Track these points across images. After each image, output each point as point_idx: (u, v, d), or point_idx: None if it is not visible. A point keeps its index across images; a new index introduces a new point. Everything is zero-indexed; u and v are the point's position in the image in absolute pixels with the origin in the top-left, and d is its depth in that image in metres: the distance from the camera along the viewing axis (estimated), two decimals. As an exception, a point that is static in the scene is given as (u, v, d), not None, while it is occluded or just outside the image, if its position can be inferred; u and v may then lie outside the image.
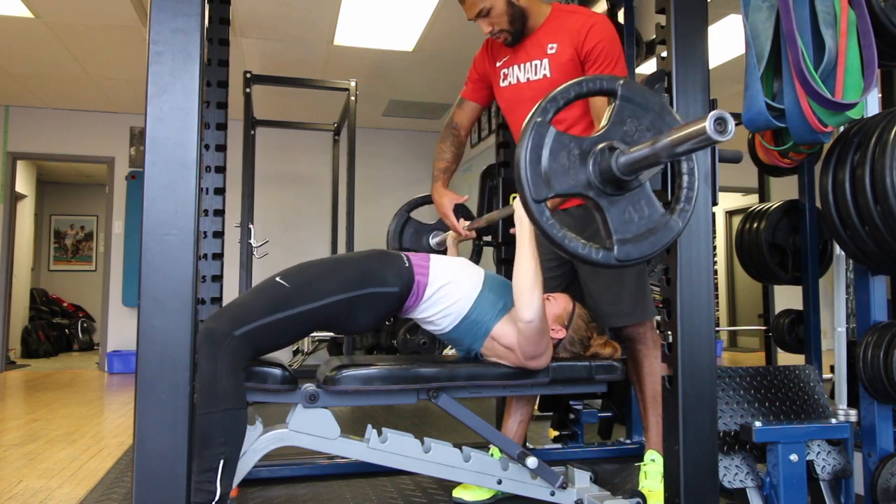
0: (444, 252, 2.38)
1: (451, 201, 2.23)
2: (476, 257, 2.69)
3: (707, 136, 0.92)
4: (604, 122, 1.15)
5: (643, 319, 2.07)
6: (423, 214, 2.51)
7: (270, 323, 1.58)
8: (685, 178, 1.18)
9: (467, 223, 2.22)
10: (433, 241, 2.45)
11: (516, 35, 2.07)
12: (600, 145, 1.12)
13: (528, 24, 2.07)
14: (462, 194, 2.30)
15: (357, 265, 1.75)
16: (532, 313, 1.66)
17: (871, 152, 1.61)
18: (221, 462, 1.47)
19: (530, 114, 1.11)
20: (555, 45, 2.03)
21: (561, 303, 1.91)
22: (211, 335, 1.54)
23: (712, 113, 0.91)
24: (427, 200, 2.50)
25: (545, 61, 2.04)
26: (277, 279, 1.68)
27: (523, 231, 1.70)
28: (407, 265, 1.77)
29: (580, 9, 2.15)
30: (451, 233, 2.30)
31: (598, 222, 1.16)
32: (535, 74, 2.07)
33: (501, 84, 2.18)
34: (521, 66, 2.11)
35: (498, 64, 2.19)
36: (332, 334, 5.03)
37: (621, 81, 1.15)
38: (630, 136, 1.14)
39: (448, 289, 1.77)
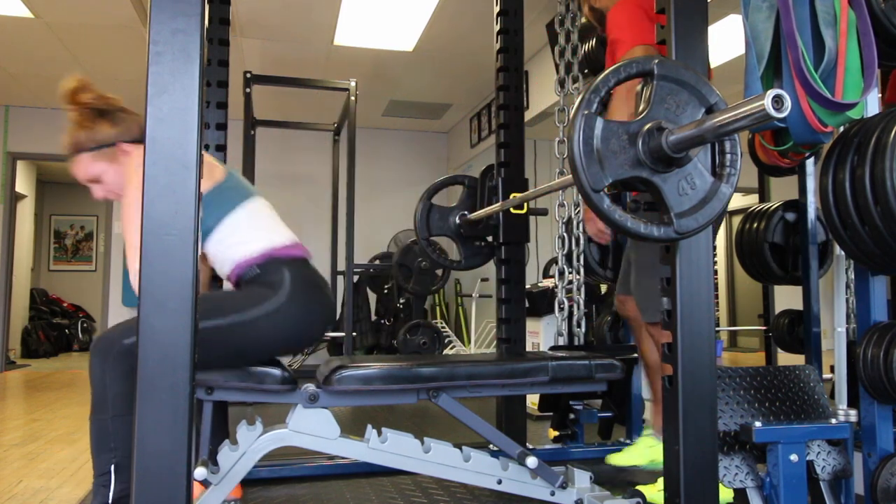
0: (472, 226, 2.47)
1: None
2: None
3: (765, 114, 0.94)
4: (642, 104, 1.18)
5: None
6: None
7: None
8: (727, 143, 1.20)
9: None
10: (459, 220, 2.53)
11: None
12: (647, 126, 1.15)
13: None
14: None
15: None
16: None
17: (871, 153, 1.61)
18: (113, 466, 1.57)
19: (575, 106, 1.15)
20: None
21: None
22: (99, 342, 1.58)
23: (769, 92, 0.94)
24: (445, 183, 2.56)
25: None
26: None
27: None
28: None
29: None
30: None
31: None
32: None
33: None
34: None
35: None
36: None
37: (656, 60, 1.17)
38: (672, 113, 1.16)
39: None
